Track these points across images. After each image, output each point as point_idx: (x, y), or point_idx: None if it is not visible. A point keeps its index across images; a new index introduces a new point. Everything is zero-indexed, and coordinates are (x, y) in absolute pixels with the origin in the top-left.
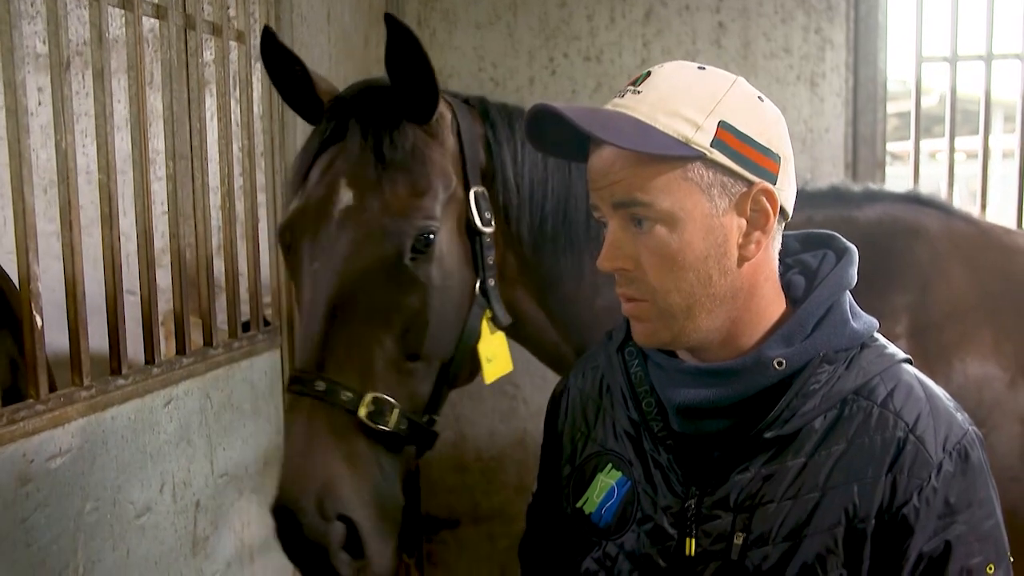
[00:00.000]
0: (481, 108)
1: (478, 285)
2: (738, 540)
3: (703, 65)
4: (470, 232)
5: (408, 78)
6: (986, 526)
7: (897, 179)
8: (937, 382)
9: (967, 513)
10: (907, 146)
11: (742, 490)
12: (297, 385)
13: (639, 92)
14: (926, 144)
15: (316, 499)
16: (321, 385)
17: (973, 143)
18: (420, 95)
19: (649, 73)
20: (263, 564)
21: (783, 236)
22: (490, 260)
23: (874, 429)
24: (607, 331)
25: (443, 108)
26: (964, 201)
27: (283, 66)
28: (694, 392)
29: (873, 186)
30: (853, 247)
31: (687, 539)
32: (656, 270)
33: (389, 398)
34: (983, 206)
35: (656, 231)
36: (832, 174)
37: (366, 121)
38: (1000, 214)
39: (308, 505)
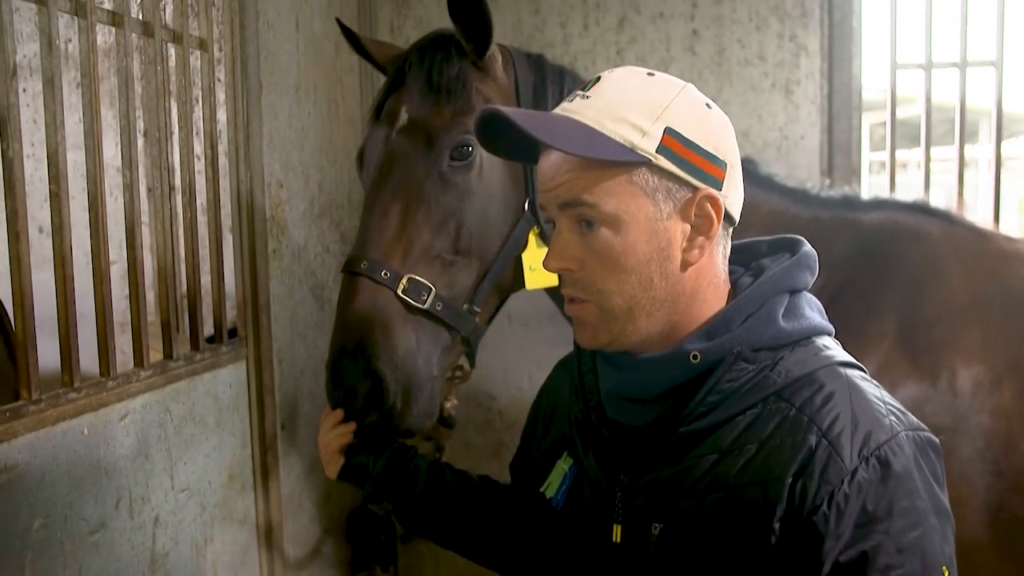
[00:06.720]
0: (536, 61)
1: (527, 204)
2: (655, 530)
3: (652, 71)
4: None
5: (464, 19)
6: (909, 537)
7: (876, 188)
8: (924, 378)
9: (886, 523)
10: (883, 155)
11: (659, 481)
12: (347, 265)
13: (588, 97)
14: (912, 154)
15: (354, 351)
16: (365, 265)
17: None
18: (473, 33)
19: (599, 78)
20: None
21: (752, 240)
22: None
23: (787, 432)
24: None
25: (497, 51)
26: None
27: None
28: (619, 381)
29: (883, 196)
30: (810, 251)
31: (614, 526)
32: (599, 272)
33: (425, 281)
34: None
35: (601, 233)
36: (807, 181)
37: (421, 59)
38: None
39: (347, 354)
